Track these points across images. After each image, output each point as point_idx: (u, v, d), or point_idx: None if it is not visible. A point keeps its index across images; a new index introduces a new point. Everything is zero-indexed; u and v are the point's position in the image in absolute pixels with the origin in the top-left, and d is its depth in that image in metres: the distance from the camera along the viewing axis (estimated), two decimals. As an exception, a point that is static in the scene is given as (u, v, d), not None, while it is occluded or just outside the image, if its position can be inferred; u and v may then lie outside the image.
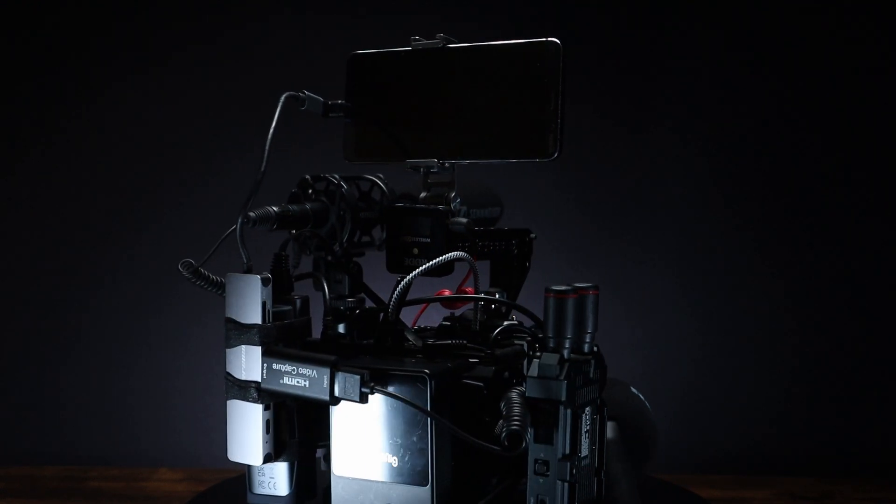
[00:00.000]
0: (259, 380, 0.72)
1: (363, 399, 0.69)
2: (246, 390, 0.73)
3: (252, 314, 0.73)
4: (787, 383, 1.47)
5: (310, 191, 0.83)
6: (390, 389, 0.70)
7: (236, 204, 0.79)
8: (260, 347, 0.72)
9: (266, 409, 0.73)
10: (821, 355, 1.46)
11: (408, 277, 0.78)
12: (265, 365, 0.72)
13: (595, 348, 0.74)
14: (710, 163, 1.46)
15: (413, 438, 0.72)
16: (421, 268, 0.78)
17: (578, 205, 1.47)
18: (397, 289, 0.78)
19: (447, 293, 0.86)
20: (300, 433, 0.76)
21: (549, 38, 0.80)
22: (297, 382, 0.71)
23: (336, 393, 0.70)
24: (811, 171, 1.45)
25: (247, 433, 0.74)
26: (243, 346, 0.73)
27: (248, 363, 0.73)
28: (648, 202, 1.47)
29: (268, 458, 0.74)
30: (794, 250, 1.46)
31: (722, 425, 1.47)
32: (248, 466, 0.77)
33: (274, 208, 0.77)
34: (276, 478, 0.77)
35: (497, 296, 0.83)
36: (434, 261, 0.78)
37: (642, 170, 1.46)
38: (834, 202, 1.46)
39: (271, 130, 0.78)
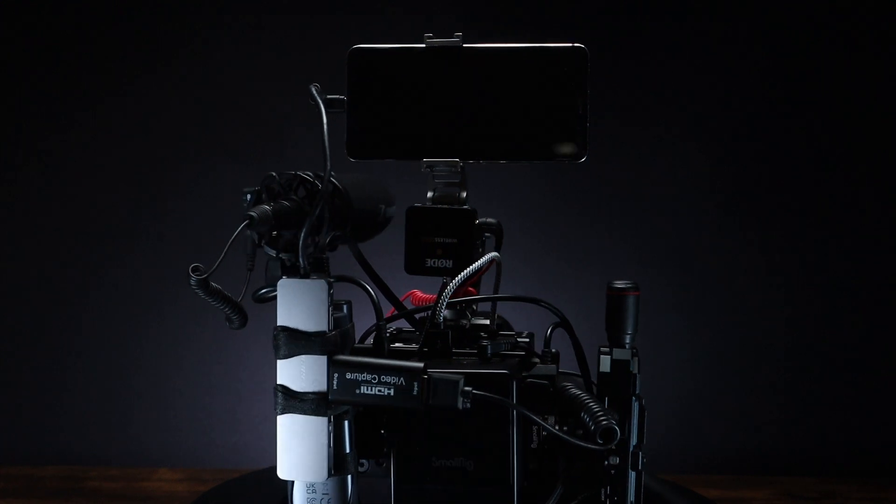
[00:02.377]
0: (321, 390, 0.70)
1: (461, 405, 0.68)
2: (306, 403, 0.70)
3: (318, 322, 0.70)
4: (787, 383, 1.47)
5: (259, 189, 0.82)
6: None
7: (239, 205, 0.78)
8: (324, 357, 0.70)
9: (329, 421, 0.71)
10: (821, 355, 1.47)
11: (455, 280, 0.78)
12: (336, 375, 0.69)
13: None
14: (708, 164, 1.46)
15: (492, 440, 0.72)
16: (470, 268, 0.79)
17: (575, 204, 1.47)
18: (446, 291, 0.78)
19: (418, 293, 0.87)
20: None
21: (576, 44, 0.82)
22: (379, 391, 0.68)
23: (430, 400, 0.68)
24: (809, 172, 1.46)
25: (307, 448, 0.71)
26: (302, 357, 0.70)
27: (308, 374, 0.70)
28: (646, 202, 1.47)
29: (328, 474, 0.72)
30: (793, 250, 1.47)
31: (722, 425, 1.47)
32: (292, 483, 0.74)
33: (267, 207, 0.77)
34: (332, 493, 0.74)
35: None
36: (479, 262, 0.79)
37: (640, 170, 1.47)
38: (833, 202, 1.46)
39: (325, 128, 0.77)
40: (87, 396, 1.48)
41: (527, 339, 0.83)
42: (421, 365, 0.69)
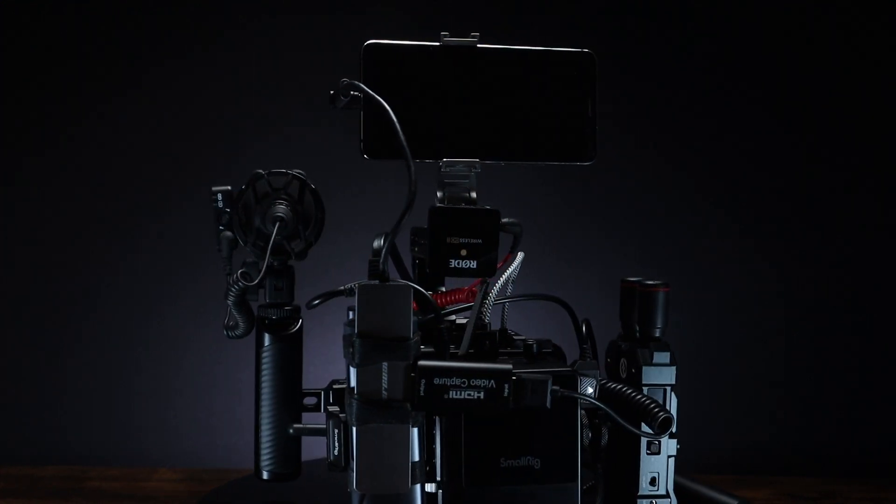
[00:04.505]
0: (404, 397, 0.68)
1: (551, 404, 0.69)
2: (389, 411, 0.68)
3: (403, 328, 0.68)
4: (787, 383, 1.47)
5: (245, 187, 0.81)
6: None
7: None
8: (403, 363, 0.68)
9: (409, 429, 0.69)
10: (820, 355, 1.47)
11: (499, 282, 0.80)
12: (423, 381, 0.68)
13: None
14: (708, 165, 1.46)
15: (558, 436, 0.74)
16: (510, 269, 0.81)
17: (574, 205, 1.48)
18: (491, 292, 0.79)
19: None
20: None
21: (584, 49, 0.85)
22: (469, 395, 0.68)
23: (523, 401, 0.68)
24: (810, 173, 1.46)
25: (390, 459, 0.69)
26: (384, 364, 0.68)
27: (391, 382, 0.69)
28: (645, 202, 1.47)
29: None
30: (793, 250, 1.47)
31: (722, 425, 1.47)
32: (359, 495, 0.71)
33: (285, 207, 0.76)
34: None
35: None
36: (515, 262, 0.82)
37: (640, 170, 1.47)
38: (833, 202, 1.46)
39: (395, 122, 0.76)
40: (88, 396, 1.48)
41: (523, 338, 0.84)
42: (510, 366, 0.69)
